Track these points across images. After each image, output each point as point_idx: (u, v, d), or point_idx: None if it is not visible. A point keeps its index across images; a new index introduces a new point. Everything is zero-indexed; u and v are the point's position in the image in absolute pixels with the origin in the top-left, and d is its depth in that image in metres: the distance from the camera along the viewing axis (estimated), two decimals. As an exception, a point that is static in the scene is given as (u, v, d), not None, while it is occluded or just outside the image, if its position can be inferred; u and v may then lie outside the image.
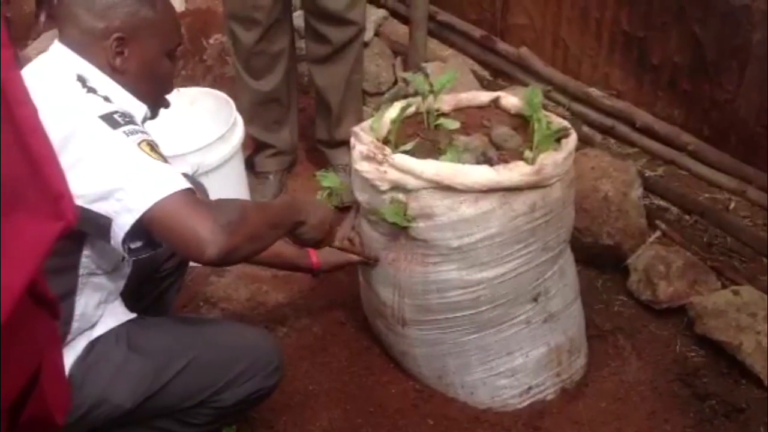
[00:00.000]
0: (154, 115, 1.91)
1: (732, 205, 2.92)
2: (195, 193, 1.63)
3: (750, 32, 2.71)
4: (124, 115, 1.67)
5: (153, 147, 1.65)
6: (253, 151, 3.30)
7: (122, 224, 1.58)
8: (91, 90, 1.70)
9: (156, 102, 1.89)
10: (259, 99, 3.15)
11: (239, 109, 3.01)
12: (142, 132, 1.66)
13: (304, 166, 3.46)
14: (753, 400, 2.34)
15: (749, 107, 2.80)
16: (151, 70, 1.82)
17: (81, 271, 1.75)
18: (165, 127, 2.98)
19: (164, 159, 1.65)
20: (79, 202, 1.56)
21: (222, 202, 1.70)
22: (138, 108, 1.81)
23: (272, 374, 1.97)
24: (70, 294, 1.75)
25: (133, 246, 1.64)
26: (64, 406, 1.02)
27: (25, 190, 0.84)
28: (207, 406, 1.92)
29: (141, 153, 1.61)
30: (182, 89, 3.14)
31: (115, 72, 1.76)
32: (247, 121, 3.07)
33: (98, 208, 1.59)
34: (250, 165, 3.26)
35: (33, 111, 0.86)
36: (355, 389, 2.43)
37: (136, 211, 1.56)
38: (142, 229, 1.59)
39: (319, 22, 3.02)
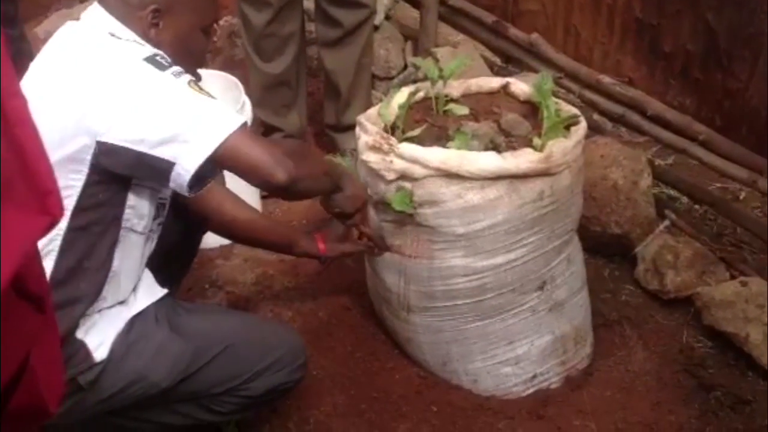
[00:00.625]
0: None
1: (742, 195, 2.91)
2: (248, 125, 1.70)
3: (764, 21, 2.68)
4: (164, 57, 1.70)
5: (198, 87, 1.69)
6: (262, 134, 3.29)
7: (188, 166, 1.60)
8: (125, 41, 1.72)
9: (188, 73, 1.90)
10: (269, 82, 3.13)
11: (248, 92, 3.00)
12: (184, 72, 1.69)
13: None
14: (759, 392, 2.33)
15: (762, 97, 2.78)
16: (185, 44, 1.82)
17: (124, 223, 1.77)
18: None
19: (211, 96, 1.69)
20: (141, 147, 1.61)
21: (283, 140, 1.76)
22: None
23: (298, 369, 2.04)
24: (111, 247, 1.77)
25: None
26: (57, 394, 1.02)
27: (13, 183, 0.83)
28: (235, 395, 1.95)
29: (194, 93, 1.65)
30: (191, 71, 3.13)
31: (149, 43, 1.76)
32: (256, 105, 3.06)
33: (161, 152, 1.61)
34: (258, 148, 3.25)
35: (23, 103, 0.85)
36: (359, 375, 2.43)
37: (205, 151, 1.60)
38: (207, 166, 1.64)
39: (330, 4, 3.00)
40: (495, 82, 2.40)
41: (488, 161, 2.01)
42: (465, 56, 2.52)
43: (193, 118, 1.62)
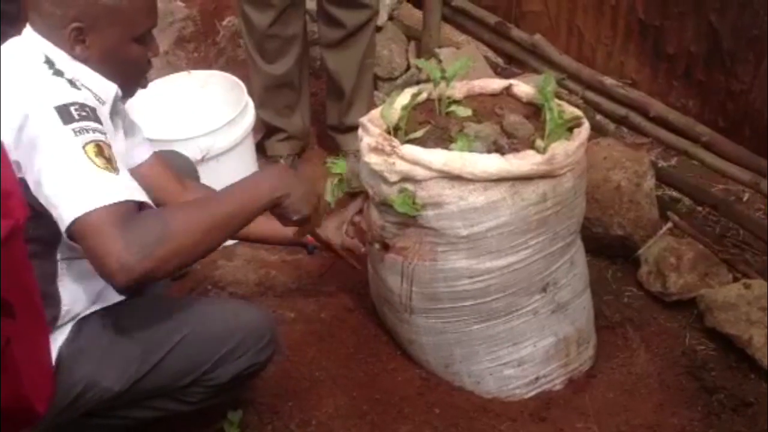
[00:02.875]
0: (128, 94, 1.88)
1: (745, 197, 2.90)
2: (126, 207, 1.58)
3: (767, 23, 2.68)
4: (83, 107, 1.63)
5: (100, 150, 1.60)
6: (264, 134, 3.29)
7: (61, 227, 1.57)
8: (58, 72, 1.68)
9: (127, 85, 1.83)
10: (272, 83, 3.13)
11: (251, 93, 2.99)
12: (94, 131, 1.61)
13: (316, 151, 3.45)
14: (761, 394, 2.32)
15: (765, 99, 2.77)
16: (116, 58, 1.77)
17: (59, 255, 1.75)
18: (175, 110, 3.00)
19: (109, 164, 1.60)
20: (36, 193, 1.58)
21: (144, 221, 1.58)
22: (108, 88, 1.77)
23: (264, 349, 1.98)
24: (52, 278, 1.75)
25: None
26: (45, 394, 1.00)
27: None
28: (200, 385, 1.93)
29: (82, 157, 1.57)
30: (193, 72, 3.14)
31: (77, 60, 1.72)
32: (259, 106, 3.06)
33: (46, 204, 1.58)
34: (261, 149, 3.25)
35: None
36: (361, 376, 2.42)
37: (65, 221, 1.55)
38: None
39: (333, 5, 3.00)
40: (498, 84, 2.39)
41: (491, 163, 2.01)
42: (468, 57, 2.51)
43: (66, 184, 1.56)
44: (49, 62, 1.69)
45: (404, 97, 2.24)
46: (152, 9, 1.84)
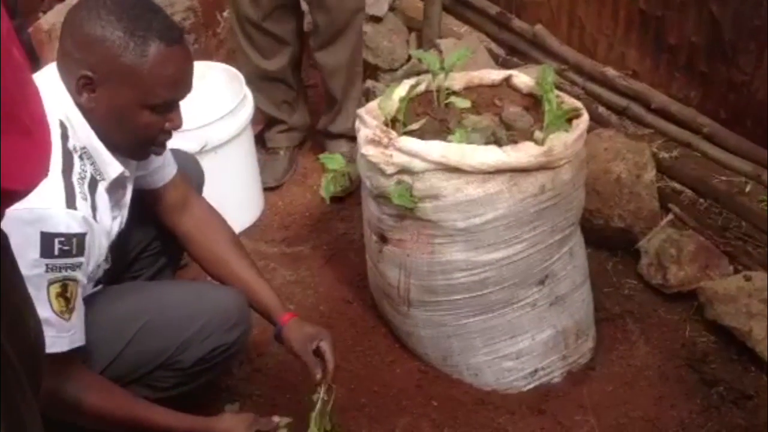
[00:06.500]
0: (135, 157, 1.82)
1: (747, 188, 2.88)
2: (70, 359, 1.67)
3: (769, 13, 2.66)
4: (68, 240, 1.60)
5: (63, 290, 1.62)
6: (265, 126, 3.28)
7: None
8: (68, 153, 1.65)
9: (133, 147, 1.78)
10: (266, 76, 3.10)
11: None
12: (68, 268, 1.61)
13: (316, 143, 3.43)
14: (761, 387, 2.32)
15: (767, 90, 2.75)
16: (122, 118, 1.70)
17: None
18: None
19: (66, 306, 1.63)
20: None
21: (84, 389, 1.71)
22: (112, 169, 1.75)
23: (231, 330, 1.95)
24: None
25: None
26: (13, 169, 0.77)
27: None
28: (167, 369, 1.91)
29: (43, 295, 1.58)
30: (193, 63, 3.12)
31: (81, 108, 1.67)
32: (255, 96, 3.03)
33: None
34: (261, 141, 3.24)
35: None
36: (360, 369, 2.42)
37: None
38: None
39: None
40: (497, 75, 2.38)
41: (489, 155, 2.00)
42: (466, 48, 2.50)
43: None
44: (63, 128, 1.65)
45: (402, 89, 2.23)
46: (178, 83, 1.74)
